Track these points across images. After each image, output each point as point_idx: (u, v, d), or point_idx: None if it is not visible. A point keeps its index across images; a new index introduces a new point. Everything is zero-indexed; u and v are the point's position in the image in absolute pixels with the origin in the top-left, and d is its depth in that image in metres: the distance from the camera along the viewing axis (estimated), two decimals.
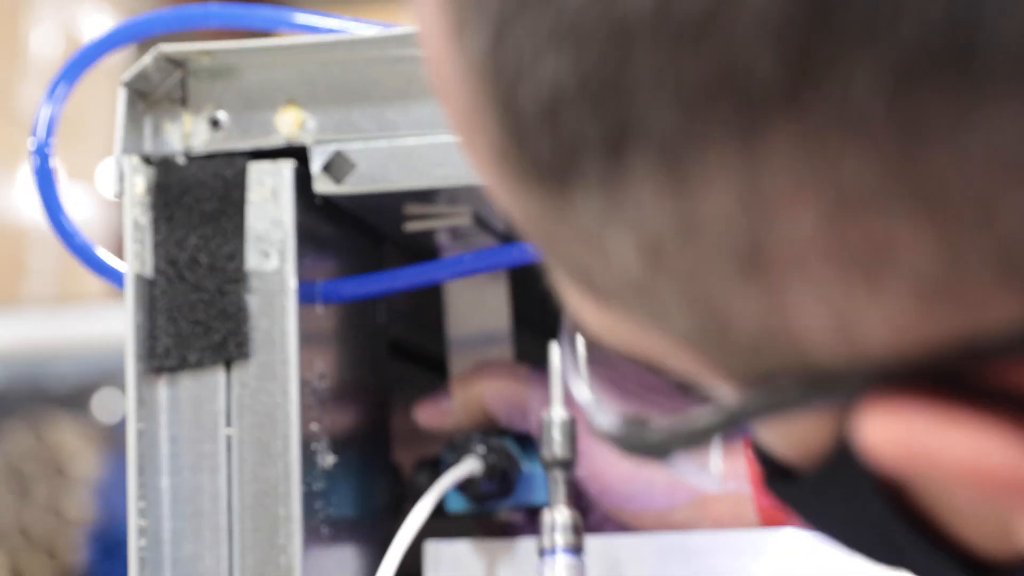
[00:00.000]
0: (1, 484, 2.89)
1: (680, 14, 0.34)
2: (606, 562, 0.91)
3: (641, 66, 0.35)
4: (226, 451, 0.82)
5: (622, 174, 0.36)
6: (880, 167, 0.34)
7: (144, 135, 0.84)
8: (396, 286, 0.86)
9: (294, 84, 0.84)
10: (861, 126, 0.34)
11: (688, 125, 0.35)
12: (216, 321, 0.82)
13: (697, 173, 0.35)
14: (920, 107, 0.33)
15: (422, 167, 0.83)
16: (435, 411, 0.93)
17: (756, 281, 0.36)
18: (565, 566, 0.85)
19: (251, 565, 0.82)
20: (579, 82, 0.36)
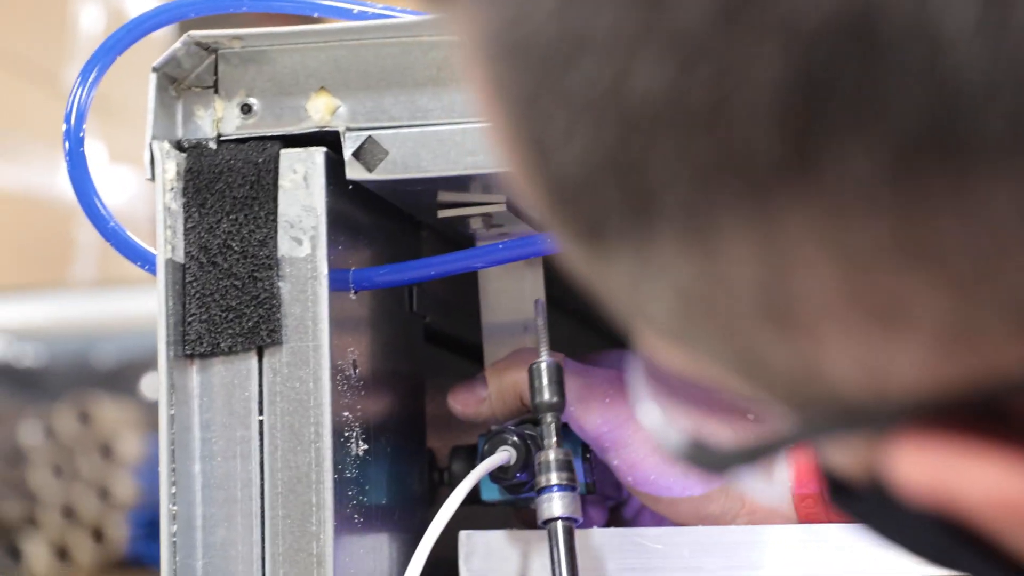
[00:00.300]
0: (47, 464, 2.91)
1: (691, 102, 0.36)
2: (644, 553, 0.90)
3: (657, 147, 0.37)
4: (258, 438, 0.82)
5: (650, 239, 0.38)
6: (888, 230, 0.36)
7: (176, 121, 0.84)
8: (429, 273, 0.86)
9: (326, 70, 0.84)
10: (866, 197, 0.35)
11: (705, 198, 0.37)
12: (248, 307, 0.82)
13: (718, 238, 0.37)
14: (919, 178, 0.35)
15: (454, 154, 0.82)
16: (470, 397, 0.92)
17: (785, 331, 0.38)
18: (562, 502, 0.86)
19: (283, 552, 0.81)
20: (601, 160, 0.38)
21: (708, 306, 0.39)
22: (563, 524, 0.87)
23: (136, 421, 2.99)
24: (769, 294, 0.38)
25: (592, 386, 0.91)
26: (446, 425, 0.99)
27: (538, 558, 0.91)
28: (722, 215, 0.37)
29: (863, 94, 0.35)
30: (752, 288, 0.38)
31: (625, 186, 0.38)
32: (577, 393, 0.90)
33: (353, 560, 0.84)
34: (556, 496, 0.87)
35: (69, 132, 0.86)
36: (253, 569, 0.82)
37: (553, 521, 0.87)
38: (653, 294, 0.39)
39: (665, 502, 0.91)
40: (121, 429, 2.97)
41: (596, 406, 0.90)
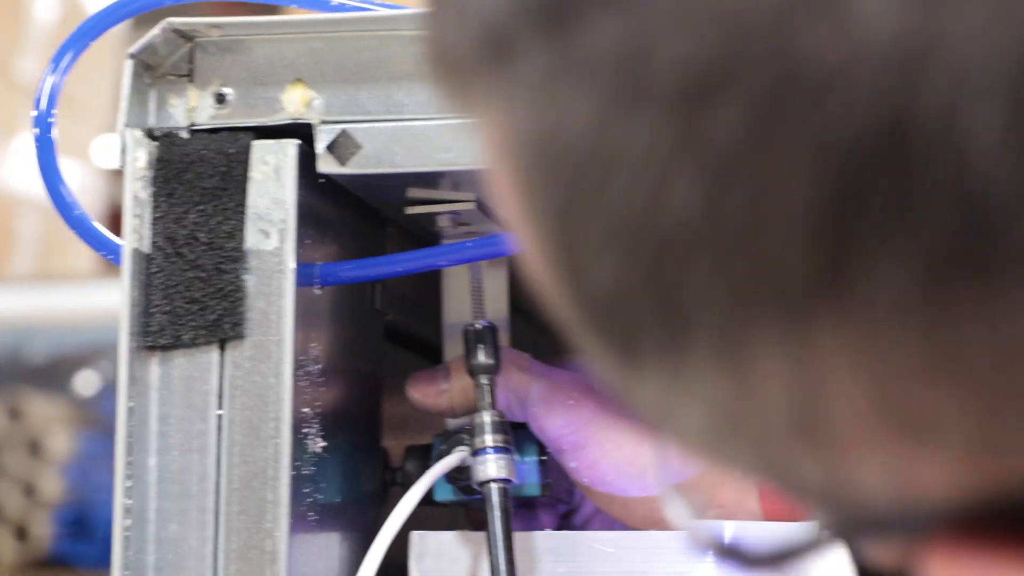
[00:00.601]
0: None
1: (722, 221, 0.36)
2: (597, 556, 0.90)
3: (691, 269, 0.37)
4: (216, 432, 0.81)
5: (684, 357, 0.38)
6: (919, 346, 0.36)
7: (149, 109, 0.83)
8: (396, 270, 0.85)
9: (302, 62, 0.83)
10: (898, 315, 0.36)
11: (739, 319, 0.37)
12: (212, 300, 0.81)
13: (751, 358, 0.37)
14: (950, 293, 0.35)
15: (427, 150, 0.81)
16: (430, 388, 0.91)
17: (816, 446, 0.39)
18: (497, 464, 0.87)
19: (236, 548, 0.80)
20: (635, 279, 0.38)
21: (740, 422, 0.39)
22: (498, 486, 0.87)
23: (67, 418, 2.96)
24: (801, 411, 0.38)
25: (556, 388, 0.90)
26: (400, 425, 0.98)
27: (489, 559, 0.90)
28: (756, 335, 0.37)
29: (894, 211, 0.35)
30: (784, 405, 0.38)
31: (659, 305, 0.38)
32: (541, 394, 0.90)
33: (306, 558, 0.83)
34: (491, 458, 0.87)
35: (39, 118, 0.85)
36: (205, 565, 0.80)
37: (488, 483, 0.87)
38: (685, 408, 0.40)
39: (620, 503, 0.91)
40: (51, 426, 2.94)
41: (559, 408, 0.90)
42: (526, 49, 0.37)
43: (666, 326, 0.38)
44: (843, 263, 0.35)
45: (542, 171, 0.38)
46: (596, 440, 0.90)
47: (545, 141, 0.38)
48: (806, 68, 0.34)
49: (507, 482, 0.87)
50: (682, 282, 0.37)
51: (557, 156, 0.38)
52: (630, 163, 0.36)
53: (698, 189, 0.36)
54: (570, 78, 0.37)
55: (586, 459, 0.90)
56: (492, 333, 0.90)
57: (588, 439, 0.90)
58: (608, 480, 0.90)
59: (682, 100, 0.35)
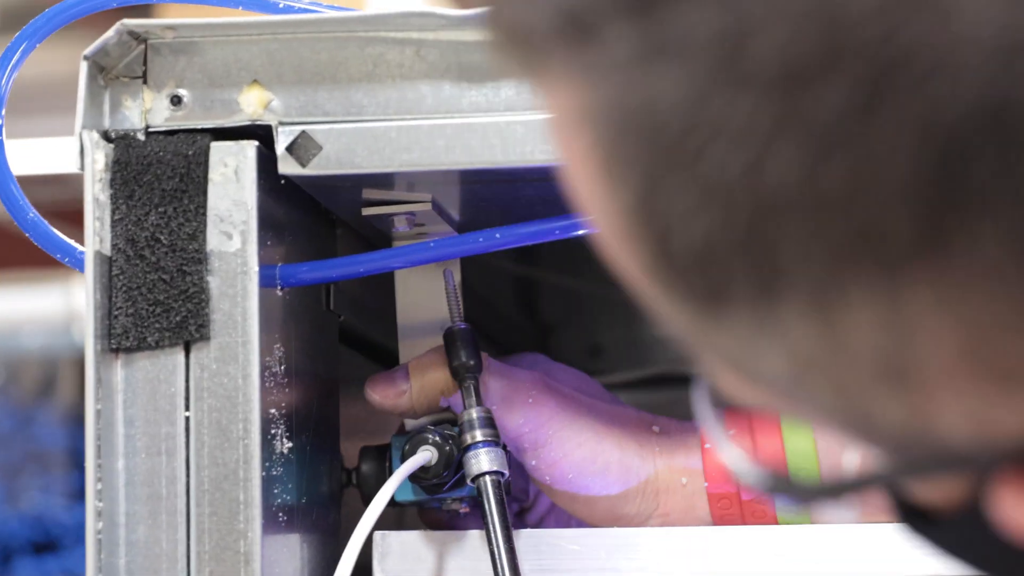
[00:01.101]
0: None
1: (824, 187, 0.38)
2: (554, 553, 0.90)
3: (789, 229, 0.39)
4: (184, 434, 0.81)
5: (771, 308, 0.40)
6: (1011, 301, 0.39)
7: (103, 111, 0.83)
8: (358, 271, 0.85)
9: (259, 63, 0.83)
10: (992, 272, 0.38)
11: (834, 275, 0.39)
12: (176, 302, 0.81)
13: (844, 309, 0.40)
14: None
15: (389, 151, 0.82)
16: (389, 389, 0.92)
17: (901, 392, 0.41)
18: (488, 457, 0.88)
19: (209, 550, 0.80)
20: (730, 239, 0.40)
21: (824, 367, 0.41)
22: (491, 478, 0.87)
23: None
24: (888, 358, 0.40)
25: (515, 387, 0.91)
26: (352, 426, 0.98)
27: (453, 559, 0.91)
28: (851, 289, 0.39)
29: (998, 181, 0.37)
30: (872, 352, 0.40)
31: (753, 262, 0.40)
32: (501, 394, 0.91)
33: (279, 559, 0.83)
34: (483, 452, 0.88)
35: None
36: (178, 568, 0.80)
37: (481, 476, 0.87)
38: (767, 355, 0.42)
39: (582, 501, 0.92)
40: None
41: (519, 406, 0.91)
42: (615, 30, 0.40)
43: (757, 280, 0.40)
44: (944, 226, 0.38)
45: (631, 140, 0.40)
46: (557, 438, 0.91)
47: (637, 113, 0.40)
48: (912, 53, 0.37)
49: (500, 475, 0.88)
50: (779, 241, 0.39)
51: (650, 127, 0.40)
52: (730, 134, 0.39)
53: (800, 158, 0.38)
54: (665, 57, 0.39)
55: (547, 457, 0.91)
56: (472, 334, 0.91)
57: (549, 437, 0.91)
58: (569, 478, 0.91)
59: (784, 80, 0.38)
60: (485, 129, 0.81)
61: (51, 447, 4.58)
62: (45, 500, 4.52)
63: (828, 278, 0.39)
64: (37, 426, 4.61)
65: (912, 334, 0.40)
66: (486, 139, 0.81)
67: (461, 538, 0.91)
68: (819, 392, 0.42)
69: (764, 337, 0.41)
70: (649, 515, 0.92)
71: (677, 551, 0.90)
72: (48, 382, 4.69)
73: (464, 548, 0.91)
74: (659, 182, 0.40)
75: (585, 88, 0.41)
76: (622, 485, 0.91)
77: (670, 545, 0.90)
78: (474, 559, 0.91)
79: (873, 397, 0.41)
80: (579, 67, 0.41)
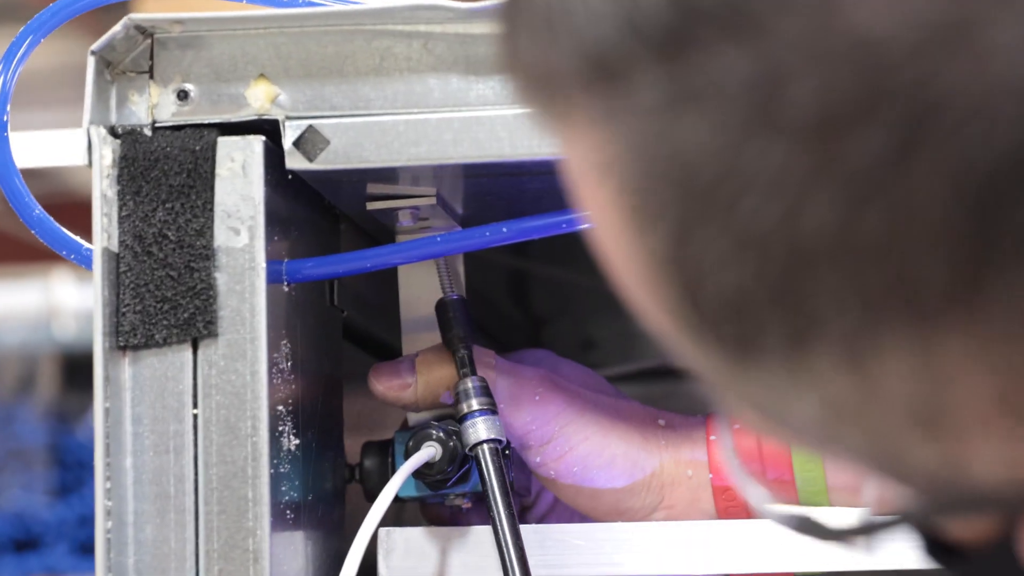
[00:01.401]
0: None
1: (860, 237, 0.38)
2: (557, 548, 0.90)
3: (823, 279, 0.39)
4: (192, 432, 0.80)
5: (803, 357, 0.40)
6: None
7: (110, 106, 0.82)
8: (364, 266, 0.85)
9: (265, 57, 0.82)
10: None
11: (868, 324, 0.39)
12: (184, 298, 0.80)
13: (876, 357, 0.40)
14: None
15: (398, 145, 0.81)
16: (394, 381, 0.91)
17: (934, 437, 0.41)
18: (485, 425, 0.87)
19: (218, 548, 0.80)
20: (763, 289, 0.40)
21: (857, 414, 0.41)
22: (489, 446, 0.87)
23: None
24: (922, 405, 0.40)
25: (522, 385, 0.91)
26: (354, 422, 0.97)
27: (458, 555, 0.90)
28: (884, 337, 0.39)
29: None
30: (906, 400, 0.40)
31: (786, 312, 0.40)
32: (508, 392, 0.90)
33: (287, 556, 0.83)
34: (479, 421, 0.88)
35: None
36: (187, 566, 0.80)
37: (479, 445, 0.87)
38: (798, 402, 0.41)
39: (587, 495, 0.91)
40: None
41: (526, 404, 0.90)
42: (642, 74, 0.39)
43: (789, 330, 0.40)
44: (980, 274, 0.38)
45: (660, 188, 0.40)
46: (563, 433, 0.90)
47: (667, 161, 0.39)
48: (947, 99, 0.37)
49: (498, 442, 0.88)
50: (813, 291, 0.39)
51: (680, 175, 0.39)
52: (764, 183, 0.38)
53: (835, 208, 0.38)
54: (696, 104, 0.39)
55: (553, 452, 0.91)
56: (464, 305, 0.91)
57: (555, 433, 0.91)
58: (575, 471, 0.91)
59: (819, 128, 0.38)
60: (493, 122, 0.81)
61: (31, 444, 4.57)
62: (26, 498, 4.50)
63: (862, 327, 0.39)
64: (17, 423, 4.60)
65: (946, 382, 0.39)
66: (494, 132, 0.81)
67: (466, 534, 0.90)
68: (851, 437, 0.42)
69: (795, 385, 0.41)
70: (654, 508, 0.92)
71: (682, 544, 0.89)
72: (28, 379, 4.67)
73: (469, 544, 0.90)
74: (690, 231, 0.40)
75: (610, 134, 0.40)
76: (628, 478, 0.91)
77: (675, 538, 0.90)
78: (479, 555, 0.90)
79: (906, 442, 0.41)
80: (604, 112, 0.40)
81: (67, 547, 4.35)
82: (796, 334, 0.40)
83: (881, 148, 0.37)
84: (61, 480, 4.46)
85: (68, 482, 4.44)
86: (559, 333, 1.47)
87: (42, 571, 4.33)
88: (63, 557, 4.35)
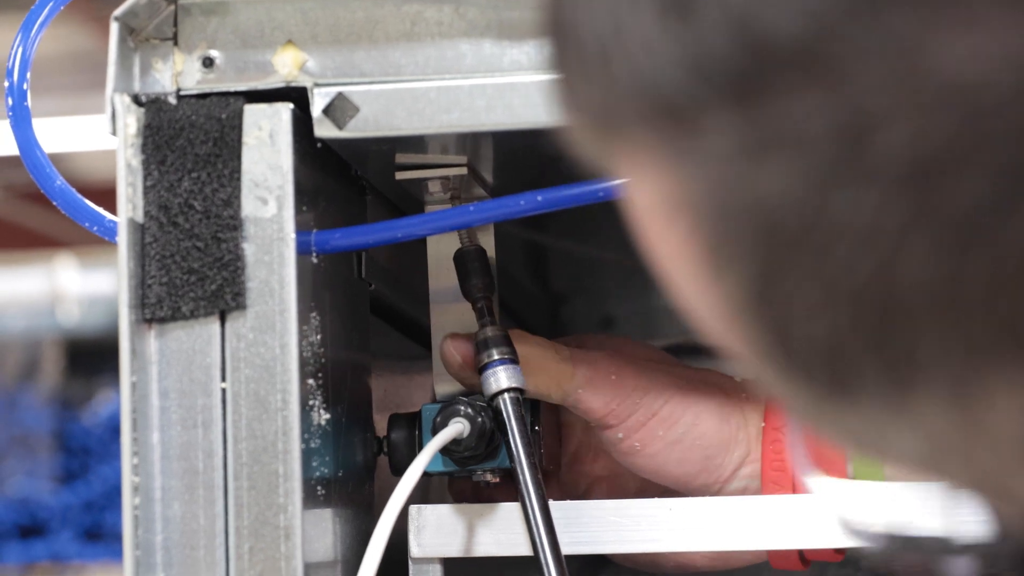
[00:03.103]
0: None
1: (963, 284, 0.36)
2: None
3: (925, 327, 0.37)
4: (221, 406, 0.78)
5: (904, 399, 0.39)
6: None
7: (133, 74, 0.80)
8: (396, 236, 0.83)
9: (293, 22, 0.80)
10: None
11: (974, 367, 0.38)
12: (211, 270, 0.78)
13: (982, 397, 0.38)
14: None
15: (430, 112, 0.79)
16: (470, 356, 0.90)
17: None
18: (506, 374, 0.87)
19: (247, 525, 0.78)
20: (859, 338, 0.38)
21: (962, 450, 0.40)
22: (511, 395, 0.87)
23: None
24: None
25: (597, 369, 0.91)
26: (379, 397, 0.96)
27: (489, 531, 0.88)
28: (991, 379, 0.38)
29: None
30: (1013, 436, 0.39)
31: (885, 359, 0.38)
32: (586, 378, 0.90)
33: (318, 532, 0.81)
34: (500, 370, 0.87)
35: (12, 88, 0.82)
36: (216, 543, 0.78)
37: (500, 394, 0.87)
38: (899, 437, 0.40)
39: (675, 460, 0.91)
40: None
41: (604, 386, 0.90)
42: (714, 119, 0.37)
43: (890, 375, 0.38)
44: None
45: (741, 234, 0.38)
46: (644, 403, 0.90)
47: (747, 209, 0.38)
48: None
49: (519, 391, 0.87)
50: (914, 340, 0.37)
51: (764, 223, 0.38)
52: (856, 233, 0.37)
53: (937, 255, 0.36)
54: (776, 152, 0.37)
55: (636, 423, 0.90)
56: (483, 254, 0.90)
57: (636, 404, 0.90)
58: (660, 435, 0.90)
59: (914, 175, 0.36)
60: (527, 88, 0.79)
61: (35, 430, 4.55)
62: (30, 484, 4.49)
63: (968, 371, 0.38)
64: (21, 409, 4.58)
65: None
66: (528, 98, 0.79)
67: (498, 510, 0.89)
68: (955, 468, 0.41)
69: (895, 422, 0.40)
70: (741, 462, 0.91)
71: (721, 520, 0.88)
72: (32, 365, 4.66)
73: (501, 520, 0.88)
74: (776, 278, 0.38)
75: (680, 176, 0.39)
76: (716, 433, 0.90)
77: (712, 515, 0.88)
78: (510, 532, 0.88)
79: (1013, 475, 0.40)
80: (672, 154, 0.38)
81: (72, 533, 4.34)
82: (897, 379, 0.38)
83: (983, 194, 0.36)
84: (66, 466, 4.46)
85: (73, 468, 4.43)
86: (578, 310, 1.45)
87: (47, 557, 4.31)
88: (68, 543, 4.34)
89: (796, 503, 0.87)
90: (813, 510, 0.87)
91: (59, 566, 4.32)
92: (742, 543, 0.88)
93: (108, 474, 4.42)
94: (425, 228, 0.84)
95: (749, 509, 0.88)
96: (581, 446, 0.97)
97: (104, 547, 4.33)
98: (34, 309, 4.43)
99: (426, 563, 0.88)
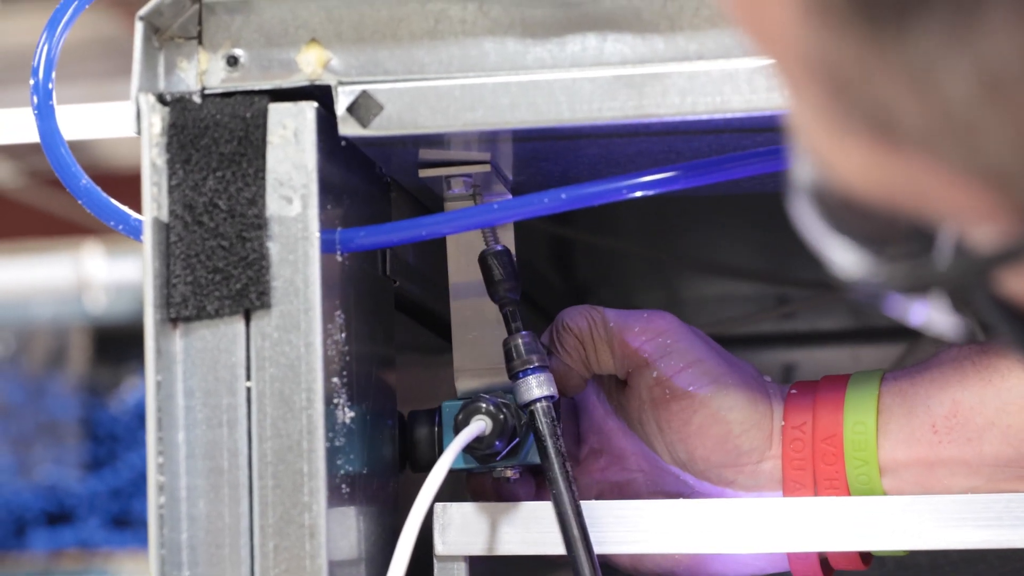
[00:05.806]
0: None
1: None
2: None
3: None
4: (246, 405, 0.79)
5: (976, 9, 0.37)
6: None
7: (158, 73, 0.80)
8: (420, 234, 0.83)
9: (317, 21, 0.80)
10: None
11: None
12: (236, 269, 0.78)
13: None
14: None
15: (454, 110, 0.79)
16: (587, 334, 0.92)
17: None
18: (537, 381, 0.88)
19: (272, 523, 0.78)
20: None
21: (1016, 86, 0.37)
22: (543, 405, 0.87)
23: None
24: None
25: (627, 314, 0.93)
26: (402, 395, 0.96)
27: (515, 530, 0.88)
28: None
29: None
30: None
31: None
32: (616, 316, 0.93)
33: (343, 531, 0.81)
34: (532, 379, 0.88)
35: (37, 86, 0.82)
36: (241, 542, 0.78)
37: (534, 403, 0.87)
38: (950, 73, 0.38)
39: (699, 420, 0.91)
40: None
41: (636, 321, 0.92)
42: None
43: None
44: None
45: None
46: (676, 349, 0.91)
47: None
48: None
49: (551, 399, 0.88)
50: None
51: None
52: None
53: None
54: None
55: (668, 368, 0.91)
56: (509, 256, 0.90)
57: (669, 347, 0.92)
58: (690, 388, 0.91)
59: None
60: (551, 86, 0.79)
61: (63, 418, 4.57)
62: (58, 471, 4.50)
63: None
64: (48, 397, 4.60)
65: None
66: (552, 96, 0.79)
67: (522, 509, 0.88)
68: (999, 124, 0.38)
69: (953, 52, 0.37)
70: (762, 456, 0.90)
71: (745, 521, 0.88)
72: (59, 352, 4.67)
73: (528, 519, 0.88)
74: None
75: None
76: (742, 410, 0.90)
77: (737, 516, 0.88)
78: (536, 531, 0.88)
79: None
80: None
81: (99, 521, 4.35)
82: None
83: None
84: (93, 453, 4.47)
85: (100, 455, 4.44)
86: (602, 302, 1.45)
87: (75, 544, 4.33)
88: (96, 531, 4.36)
89: (818, 505, 0.87)
90: (836, 512, 0.87)
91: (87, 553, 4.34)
92: (773, 544, 0.87)
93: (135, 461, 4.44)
94: (450, 226, 0.84)
95: (770, 510, 0.88)
96: (591, 453, 0.96)
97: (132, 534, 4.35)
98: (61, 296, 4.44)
99: (451, 561, 0.88)
